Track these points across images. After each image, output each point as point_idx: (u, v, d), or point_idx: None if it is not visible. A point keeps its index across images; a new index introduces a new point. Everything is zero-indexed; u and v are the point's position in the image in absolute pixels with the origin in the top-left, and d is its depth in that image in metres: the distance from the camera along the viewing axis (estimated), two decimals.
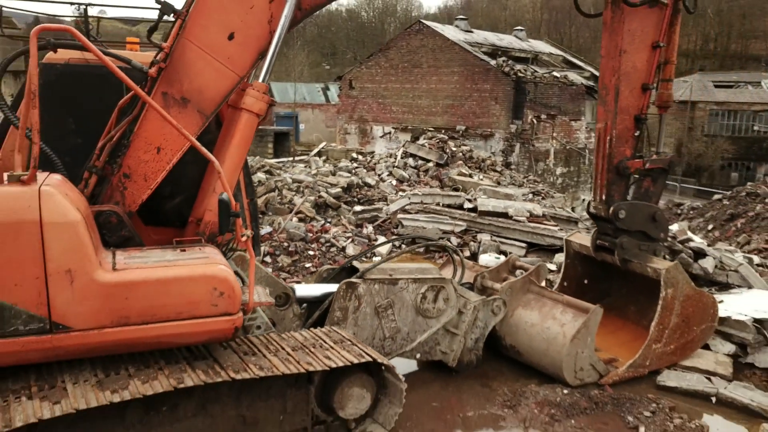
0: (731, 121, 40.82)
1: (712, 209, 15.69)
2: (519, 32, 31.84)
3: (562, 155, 25.08)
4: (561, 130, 24.86)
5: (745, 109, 40.31)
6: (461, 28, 27.98)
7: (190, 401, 3.67)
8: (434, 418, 4.73)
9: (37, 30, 3.13)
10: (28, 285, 3.14)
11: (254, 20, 4.00)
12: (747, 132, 40.39)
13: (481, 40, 27.26)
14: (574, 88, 25.43)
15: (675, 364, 5.57)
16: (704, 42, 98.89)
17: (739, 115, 40.50)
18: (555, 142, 24.25)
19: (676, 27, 5.67)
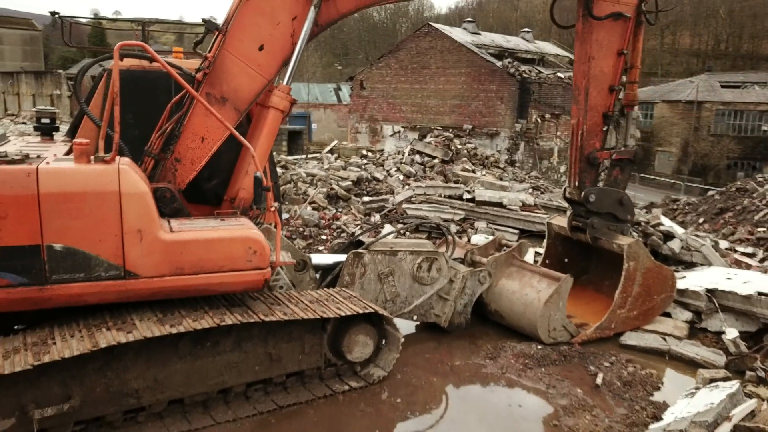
0: (738, 121, 41.28)
1: (705, 204, 16.46)
2: (526, 34, 32.62)
3: (566, 153, 25.83)
4: (565, 129, 25.62)
5: (752, 110, 40.74)
6: (469, 30, 28.83)
7: (228, 339, 4.61)
8: (427, 366, 5.64)
9: (119, 45, 4.09)
10: (109, 241, 4.09)
11: (280, 35, 4.94)
12: (753, 132, 40.84)
13: (488, 42, 28.10)
14: None
15: (638, 328, 6.44)
16: (716, 42, 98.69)
17: (746, 115, 40.95)
18: (559, 140, 25.03)
19: (640, 36, 6.53)
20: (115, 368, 4.21)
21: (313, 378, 5.08)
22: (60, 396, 4.01)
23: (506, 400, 5.08)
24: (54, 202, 3.93)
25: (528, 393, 5.18)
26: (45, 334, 4.13)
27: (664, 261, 7.93)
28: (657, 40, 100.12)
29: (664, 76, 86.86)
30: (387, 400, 5.00)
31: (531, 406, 4.98)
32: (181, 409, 4.56)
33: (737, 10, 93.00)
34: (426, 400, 5.00)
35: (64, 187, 3.96)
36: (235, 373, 4.67)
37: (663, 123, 43.85)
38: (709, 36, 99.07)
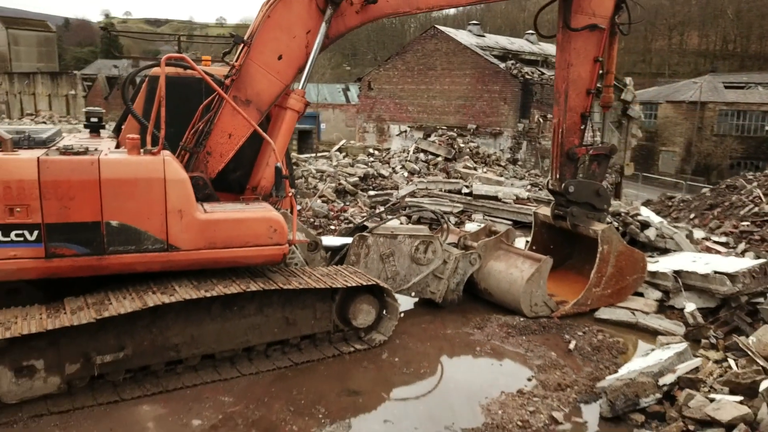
0: (741, 121, 41.78)
1: (697, 201, 17.15)
2: (530, 36, 33.30)
3: None
4: None
5: (755, 110, 41.23)
6: (474, 33, 29.59)
7: (252, 304, 5.45)
8: (422, 334, 6.45)
9: (166, 57, 4.94)
10: (155, 219, 4.94)
11: (296, 46, 5.77)
12: (756, 132, 41.31)
13: (492, 44, 28.84)
14: None
15: (612, 305, 7.22)
16: (724, 43, 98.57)
17: (749, 115, 41.45)
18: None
19: (614, 45, 7.32)
20: (159, 326, 5.06)
21: (324, 340, 5.92)
22: (115, 347, 4.87)
23: (489, 360, 5.89)
24: (112, 186, 4.78)
25: (508, 355, 5.99)
26: (102, 297, 4.99)
27: (642, 247, 8.71)
28: (665, 41, 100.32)
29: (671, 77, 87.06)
30: (386, 359, 5.82)
31: (510, 364, 5.79)
32: (212, 363, 5.41)
33: (745, 10, 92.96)
34: (420, 360, 5.82)
35: (120, 174, 4.81)
36: (257, 334, 5.52)
37: (667, 123, 44.43)
38: (717, 36, 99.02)
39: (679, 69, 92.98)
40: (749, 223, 13.17)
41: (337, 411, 4.85)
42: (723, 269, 6.70)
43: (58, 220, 4.71)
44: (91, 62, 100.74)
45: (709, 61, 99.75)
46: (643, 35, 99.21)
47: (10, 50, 65.88)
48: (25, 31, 67.63)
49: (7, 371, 4.53)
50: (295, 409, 4.85)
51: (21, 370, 4.57)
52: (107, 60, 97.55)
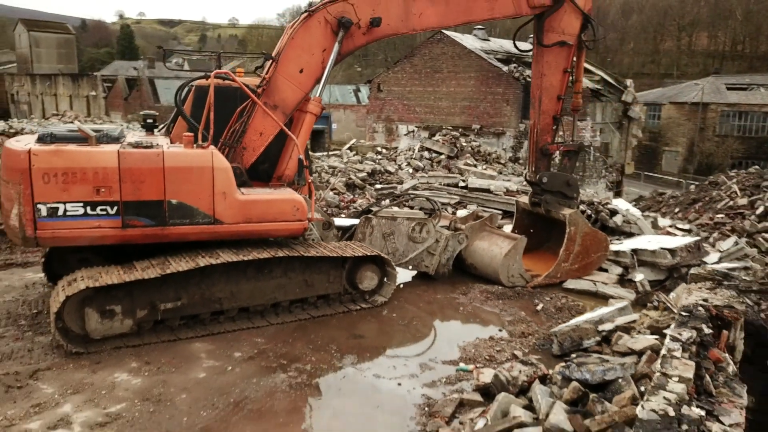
0: (742, 121, 42.68)
1: (683, 196, 18.38)
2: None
3: None
4: (567, 129, 27.52)
5: (756, 111, 42.12)
6: (479, 37, 30.87)
7: (279, 268, 6.83)
8: (416, 299, 7.80)
9: (215, 73, 6.33)
10: (205, 198, 6.33)
11: (314, 62, 7.14)
12: (758, 132, 42.22)
13: (496, 48, 30.11)
14: None
15: (578, 278, 8.53)
16: (733, 43, 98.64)
17: (750, 116, 42.35)
18: (560, 139, 26.94)
19: (582, 57, 8.62)
20: (207, 283, 6.45)
21: (335, 300, 7.29)
22: (174, 298, 6.27)
23: (469, 316, 7.24)
24: (173, 172, 6.18)
25: (486, 314, 7.33)
26: (163, 260, 6.38)
27: (611, 231, 10.03)
28: (674, 42, 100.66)
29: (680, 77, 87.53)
30: (386, 315, 7.19)
31: (486, 319, 7.13)
32: (247, 315, 6.80)
33: (754, 11, 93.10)
34: (413, 317, 7.17)
35: (179, 163, 6.21)
36: (282, 292, 6.90)
37: (670, 123, 45.42)
38: (726, 37, 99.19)
39: (687, 70, 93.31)
40: (723, 215, 14.43)
41: (346, 348, 6.22)
42: (667, 246, 7.99)
43: (132, 199, 6.11)
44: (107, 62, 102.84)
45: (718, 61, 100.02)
46: (653, 36, 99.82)
47: (32, 52, 67.96)
48: (46, 33, 69.68)
49: (94, 313, 5.93)
50: (313, 347, 6.22)
51: (104, 314, 5.98)
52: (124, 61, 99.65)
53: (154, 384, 5.34)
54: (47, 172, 5.82)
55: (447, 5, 7.65)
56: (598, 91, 30.40)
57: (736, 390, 3.78)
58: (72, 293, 5.73)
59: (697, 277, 5.80)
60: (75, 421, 4.72)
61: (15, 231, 5.99)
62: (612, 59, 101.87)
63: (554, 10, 8.15)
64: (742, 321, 4.58)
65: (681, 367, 3.65)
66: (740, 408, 3.58)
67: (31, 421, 4.69)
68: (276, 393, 5.26)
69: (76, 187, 5.93)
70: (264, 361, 5.91)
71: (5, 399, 5.01)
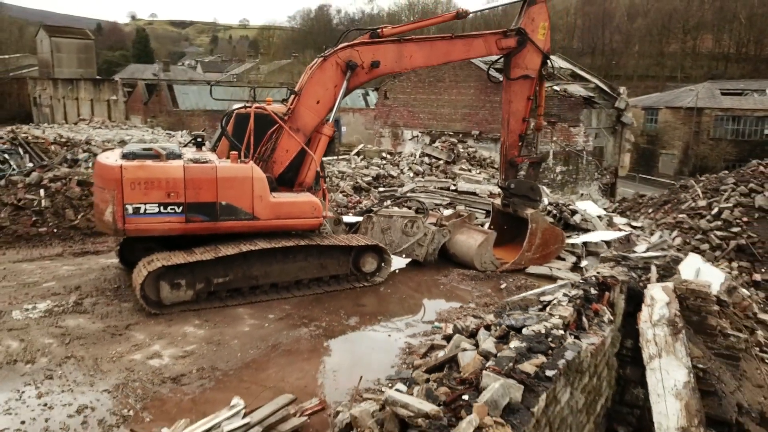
0: (736, 125, 44.42)
1: (658, 198, 20.36)
2: None
3: (562, 156, 29.77)
4: (561, 134, 29.56)
5: (749, 115, 43.86)
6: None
7: (300, 254, 8.95)
8: (407, 280, 9.89)
9: (255, 106, 8.47)
10: (246, 200, 8.47)
11: (328, 95, 9.25)
12: (750, 136, 43.94)
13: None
14: (573, 100, 30.06)
15: (539, 265, 10.58)
16: (737, 47, 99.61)
17: (743, 120, 44.08)
18: (554, 144, 28.97)
19: (542, 87, 10.66)
20: (247, 264, 8.58)
21: (344, 279, 9.40)
22: (223, 274, 8.41)
23: (448, 292, 9.33)
24: (223, 181, 8.31)
25: (460, 291, 9.42)
26: (214, 246, 8.51)
27: (573, 228, 12.07)
28: (679, 44, 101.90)
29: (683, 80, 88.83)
30: (383, 291, 9.29)
31: (460, 294, 9.22)
32: (276, 289, 8.92)
33: (758, 14, 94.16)
34: (404, 293, 9.27)
35: (227, 174, 8.34)
36: (303, 272, 9.02)
37: (666, 127, 47.21)
38: (731, 40, 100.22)
39: (692, 72, 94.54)
40: (685, 215, 16.44)
41: (351, 313, 8.33)
42: (605, 239, 10.04)
43: (193, 201, 8.24)
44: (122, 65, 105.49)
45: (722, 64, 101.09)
46: (657, 39, 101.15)
47: (53, 57, 70.66)
48: (67, 39, 72.34)
49: (166, 285, 8.07)
50: (326, 312, 8.33)
51: (173, 285, 8.12)
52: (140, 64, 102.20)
53: (213, 334, 7.47)
54: (133, 181, 7.98)
55: (431, 49, 9.74)
56: (591, 99, 32.32)
57: (603, 327, 5.83)
58: (151, 270, 7.87)
59: (605, 258, 7.83)
60: (164, 354, 6.87)
61: (108, 224, 8.15)
62: (617, 62, 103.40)
63: (519, 50, 10.23)
64: (620, 286, 6.61)
65: (562, 311, 5.72)
66: (600, 337, 5.64)
67: (134, 354, 6.84)
68: (300, 340, 7.39)
69: (153, 192, 8.08)
70: (290, 320, 8.03)
71: (112, 342, 7.17)
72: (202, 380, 6.29)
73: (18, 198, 11.79)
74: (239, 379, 6.33)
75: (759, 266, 14.14)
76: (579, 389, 5.19)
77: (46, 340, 7.11)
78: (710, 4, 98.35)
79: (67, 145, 17.51)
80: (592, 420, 5.88)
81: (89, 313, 8.01)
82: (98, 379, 6.24)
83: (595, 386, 5.74)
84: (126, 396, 5.91)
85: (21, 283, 9.14)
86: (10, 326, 7.49)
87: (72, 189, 12.29)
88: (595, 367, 5.65)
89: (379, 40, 9.45)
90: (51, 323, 7.63)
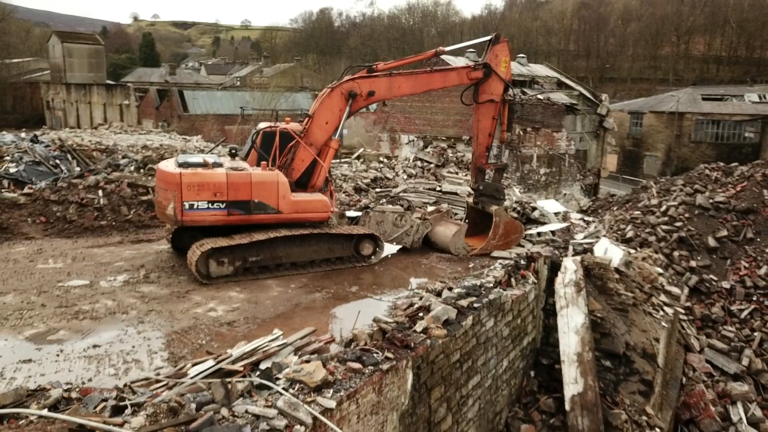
0: (715, 129, 47.11)
1: (623, 198, 23.05)
2: (521, 59, 39.18)
3: (545, 159, 32.48)
4: (544, 139, 32.27)
5: (728, 119, 46.54)
6: (470, 59, 35.55)
7: (313, 239, 11.66)
8: (397, 262, 12.58)
9: (283, 128, 11.16)
10: (273, 199, 11.17)
11: (334, 117, 11.93)
12: (729, 139, 46.61)
13: None
14: (556, 107, 32.77)
15: (502, 250, 13.25)
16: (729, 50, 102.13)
17: (722, 124, 46.77)
18: (538, 148, 31.68)
19: (505, 109, 13.33)
20: (273, 247, 11.27)
21: (347, 260, 12.08)
22: (255, 254, 11.11)
23: (428, 270, 12.02)
24: (256, 184, 11.01)
25: (437, 269, 12.11)
26: (249, 234, 11.20)
27: (533, 222, 14.76)
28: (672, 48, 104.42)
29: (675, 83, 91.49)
30: (377, 269, 11.98)
31: (437, 272, 11.90)
32: (295, 266, 11.61)
33: (749, 19, 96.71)
34: (393, 271, 11.96)
35: (259, 179, 11.04)
36: (316, 254, 11.72)
37: (651, 131, 49.91)
38: (722, 43, 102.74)
39: (684, 75, 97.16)
40: (639, 212, 19.13)
41: (353, 284, 11.02)
42: (552, 229, 12.73)
43: (233, 199, 10.93)
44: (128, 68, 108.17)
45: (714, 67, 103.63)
46: (651, 42, 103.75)
47: (65, 62, 73.36)
48: (78, 44, 75.02)
49: (213, 262, 10.77)
50: (334, 283, 11.02)
51: (218, 263, 10.82)
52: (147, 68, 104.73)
53: (251, 297, 10.17)
54: (189, 184, 10.68)
55: (415, 80, 12.43)
56: (574, 106, 35.00)
57: (526, 285, 8.51)
58: (203, 251, 10.57)
59: (539, 241, 10.50)
60: (218, 309, 9.57)
61: (170, 217, 10.85)
62: (612, 65, 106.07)
63: (485, 80, 12.91)
64: (543, 259, 9.27)
65: (496, 273, 8.40)
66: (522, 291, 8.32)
67: (197, 309, 9.54)
68: (315, 301, 10.09)
69: (203, 192, 10.78)
70: (307, 288, 10.73)
71: (179, 301, 9.87)
72: (248, 324, 9.00)
73: (81, 197, 14.49)
74: (274, 324, 9.02)
75: (695, 255, 16.82)
76: (503, 323, 7.89)
77: (131, 300, 9.83)
78: (702, 9, 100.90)
79: (105, 151, 20.26)
80: (518, 349, 8.56)
81: (156, 283, 10.73)
82: (175, 323, 8.95)
83: (519, 325, 8.45)
84: (198, 333, 8.62)
85: (97, 263, 11.85)
86: (102, 291, 10.21)
87: (124, 190, 15.00)
88: (518, 311, 8.35)
89: (374, 74, 12.15)
90: (130, 290, 10.35)
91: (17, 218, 13.85)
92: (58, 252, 12.45)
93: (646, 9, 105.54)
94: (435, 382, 6.33)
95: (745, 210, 17.61)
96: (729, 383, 13.86)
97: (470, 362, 7.00)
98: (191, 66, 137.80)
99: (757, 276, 15.99)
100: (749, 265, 16.38)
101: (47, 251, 12.48)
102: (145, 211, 14.74)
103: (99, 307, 9.49)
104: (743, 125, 45.96)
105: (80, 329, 8.61)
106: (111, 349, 8.01)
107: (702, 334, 15.14)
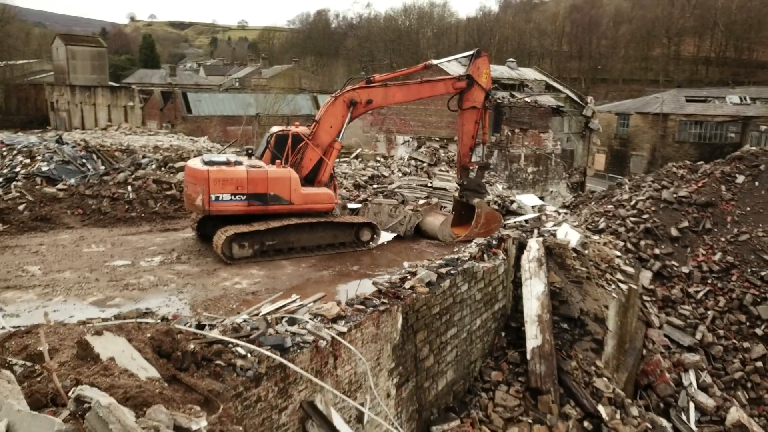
0: (698, 130, 49.20)
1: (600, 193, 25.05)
2: (511, 63, 41.19)
3: (533, 158, 34.49)
4: (532, 140, 34.28)
5: (710, 120, 48.64)
6: (462, 64, 37.51)
7: (320, 226, 13.62)
8: (391, 247, 14.53)
9: (294, 132, 13.10)
10: (286, 191, 13.11)
11: (337, 122, 13.87)
12: (711, 139, 48.70)
13: None
14: (543, 109, 34.78)
15: (483, 237, 15.20)
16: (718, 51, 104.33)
17: (704, 125, 48.87)
18: (525, 148, 33.69)
19: (486, 115, 15.28)
20: (286, 233, 13.21)
21: (348, 245, 14.02)
22: (271, 239, 13.06)
23: (418, 254, 13.98)
24: (272, 179, 12.96)
25: (426, 253, 14.06)
26: (266, 222, 13.14)
27: (512, 213, 16.73)
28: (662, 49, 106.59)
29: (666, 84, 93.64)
30: (375, 253, 13.94)
31: (426, 255, 13.85)
32: (305, 250, 13.56)
33: (738, 21, 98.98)
34: (388, 255, 13.91)
35: (274, 175, 12.98)
36: (322, 240, 13.67)
37: (637, 131, 51.99)
38: (712, 45, 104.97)
39: (675, 76, 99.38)
40: (612, 206, 21.12)
41: (354, 264, 12.97)
42: (527, 219, 14.70)
43: (252, 192, 12.86)
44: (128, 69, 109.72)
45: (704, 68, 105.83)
46: (642, 44, 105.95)
47: (69, 64, 75.12)
48: (81, 47, 76.79)
49: (236, 245, 12.70)
50: (338, 263, 12.97)
51: (240, 246, 12.75)
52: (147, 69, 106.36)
53: (269, 274, 12.11)
54: (215, 179, 12.61)
55: (408, 90, 14.39)
56: (560, 108, 37.01)
57: (496, 260, 10.46)
58: (228, 236, 12.51)
59: (512, 226, 12.47)
60: (242, 283, 11.50)
61: (199, 207, 12.79)
62: (603, 66, 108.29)
63: (468, 89, 14.87)
64: (512, 240, 11.22)
65: (471, 249, 10.34)
66: (492, 264, 10.26)
67: (225, 283, 11.47)
68: (324, 277, 12.04)
69: (227, 186, 12.72)
70: (316, 267, 12.67)
71: (206, 277, 11.80)
72: (269, 294, 10.93)
73: (112, 192, 16.41)
74: (290, 294, 10.97)
75: (660, 243, 18.82)
76: (475, 288, 9.84)
77: (169, 276, 11.76)
78: (691, 12, 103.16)
79: (126, 151, 22.18)
80: (490, 312, 10.51)
81: (188, 263, 12.67)
82: (209, 292, 10.89)
83: (490, 292, 10.40)
84: (228, 300, 10.57)
85: (134, 247, 13.77)
86: (143, 269, 12.14)
87: (150, 185, 16.92)
88: (489, 280, 10.30)
89: (372, 84, 14.10)
90: (166, 268, 12.28)
91: (58, 210, 15.77)
92: (98, 239, 14.38)
93: (637, 11, 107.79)
94: (420, 327, 8.27)
95: (704, 203, 19.62)
96: (683, 354, 15.91)
97: (448, 316, 8.94)
98: (189, 67, 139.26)
99: (712, 261, 18.01)
100: (706, 252, 18.40)
101: (88, 238, 14.40)
102: (170, 204, 16.67)
103: (143, 281, 11.42)
104: (725, 126, 48.02)
105: (132, 297, 10.54)
106: (160, 311, 9.94)
107: (662, 312, 17.19)
